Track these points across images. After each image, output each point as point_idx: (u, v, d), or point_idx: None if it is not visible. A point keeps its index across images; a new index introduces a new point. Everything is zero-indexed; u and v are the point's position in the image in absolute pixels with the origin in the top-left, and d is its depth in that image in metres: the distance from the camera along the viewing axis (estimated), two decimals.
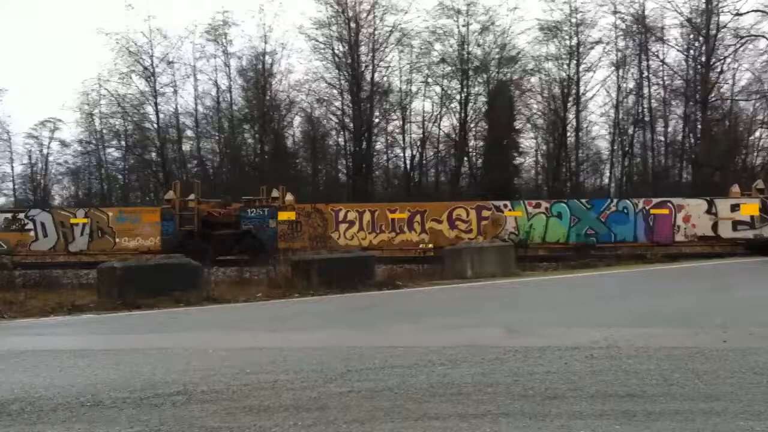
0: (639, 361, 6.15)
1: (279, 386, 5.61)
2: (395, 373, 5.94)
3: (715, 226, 21.31)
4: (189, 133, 41.19)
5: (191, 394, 5.44)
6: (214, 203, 23.86)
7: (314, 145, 40.72)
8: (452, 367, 6.09)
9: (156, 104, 39.73)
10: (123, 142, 41.64)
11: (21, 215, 23.52)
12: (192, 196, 22.82)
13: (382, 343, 7.42)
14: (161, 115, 40.05)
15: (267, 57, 39.58)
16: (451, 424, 4.57)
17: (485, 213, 22.45)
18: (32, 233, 22.97)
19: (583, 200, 23.10)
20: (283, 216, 22.62)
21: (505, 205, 22.72)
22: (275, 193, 23.45)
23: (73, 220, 23.06)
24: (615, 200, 22.87)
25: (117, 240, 22.79)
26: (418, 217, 22.56)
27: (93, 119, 41.26)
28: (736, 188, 22.25)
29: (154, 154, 40.93)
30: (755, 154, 39.30)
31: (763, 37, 35.77)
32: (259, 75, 40.06)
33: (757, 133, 38.81)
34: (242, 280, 15.29)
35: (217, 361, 6.72)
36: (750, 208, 21.12)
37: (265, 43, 39.31)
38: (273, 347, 7.42)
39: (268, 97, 40.31)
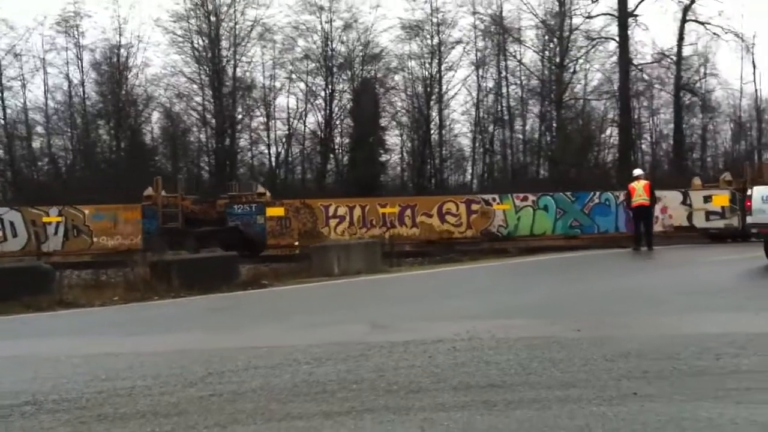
0: (499, 351, 6.30)
1: (136, 392, 5.37)
2: (258, 374, 5.82)
3: (690, 217, 22.17)
4: (39, 129, 39.02)
5: (41, 404, 5.14)
6: (192, 199, 23.03)
7: (174, 141, 39.54)
8: (317, 366, 6.03)
9: (2, 99, 37.38)
10: None
11: None
12: (153, 191, 21.92)
13: (245, 344, 7.28)
14: (8, 111, 37.75)
15: (122, 50, 38.13)
16: (315, 423, 4.51)
17: (474, 207, 22.69)
18: (0, 233, 21.58)
19: (568, 193, 23.46)
20: (271, 212, 22.01)
21: (494, 199, 23.01)
22: (260, 189, 22.95)
23: (45, 219, 21.85)
24: (598, 193, 23.21)
25: (94, 239, 21.87)
26: (408, 212, 22.57)
27: None
28: (698, 181, 23.45)
29: (1, 152, 38.57)
30: (606, 151, 41.69)
31: (613, 39, 37.92)
32: (113, 69, 38.47)
33: (608, 131, 41.11)
34: (98, 283, 14.67)
35: (69, 369, 6.39)
36: (721, 199, 21.99)
37: (120, 35, 37.81)
38: (130, 352, 7.12)
39: (123, 92, 38.76)
